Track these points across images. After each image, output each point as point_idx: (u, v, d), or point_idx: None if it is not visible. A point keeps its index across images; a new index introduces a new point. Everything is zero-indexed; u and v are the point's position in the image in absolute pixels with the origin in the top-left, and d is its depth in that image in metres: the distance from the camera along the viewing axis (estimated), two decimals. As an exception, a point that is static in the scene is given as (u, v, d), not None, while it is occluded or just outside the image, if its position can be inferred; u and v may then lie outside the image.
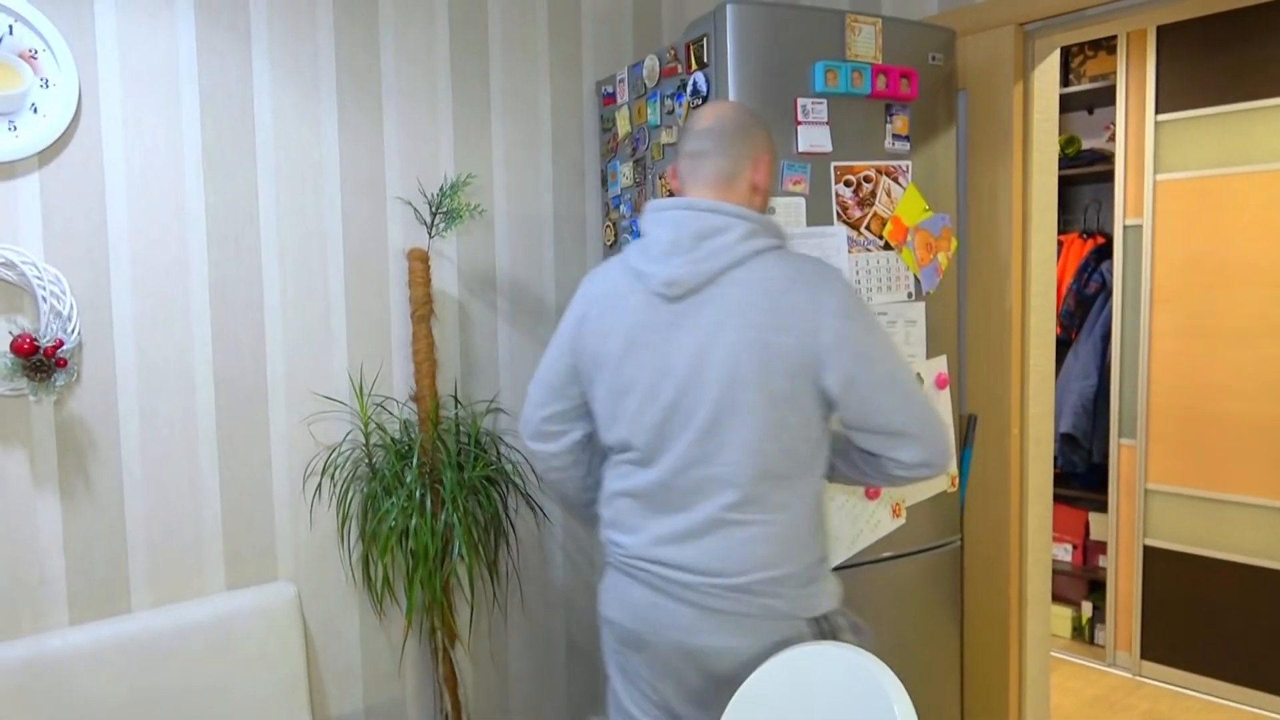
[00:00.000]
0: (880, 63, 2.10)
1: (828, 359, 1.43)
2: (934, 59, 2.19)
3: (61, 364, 1.85)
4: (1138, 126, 3.32)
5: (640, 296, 1.51)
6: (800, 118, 2.03)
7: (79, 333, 1.91)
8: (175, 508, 2.05)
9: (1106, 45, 3.68)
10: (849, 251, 2.07)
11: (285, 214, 2.16)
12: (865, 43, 2.08)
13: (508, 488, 2.41)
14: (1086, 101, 3.82)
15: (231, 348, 2.10)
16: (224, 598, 2.08)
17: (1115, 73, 3.40)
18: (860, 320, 1.44)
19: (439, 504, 2.18)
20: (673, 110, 2.21)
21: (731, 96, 2.01)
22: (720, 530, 1.47)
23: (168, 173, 2.01)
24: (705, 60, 2.07)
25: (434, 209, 2.26)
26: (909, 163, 2.16)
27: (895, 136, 2.14)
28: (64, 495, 1.92)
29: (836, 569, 2.07)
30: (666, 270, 1.47)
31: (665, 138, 2.24)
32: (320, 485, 2.23)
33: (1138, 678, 3.44)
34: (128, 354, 1.97)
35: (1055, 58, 2.43)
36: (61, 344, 1.85)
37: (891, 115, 2.13)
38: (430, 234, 2.32)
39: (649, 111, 2.31)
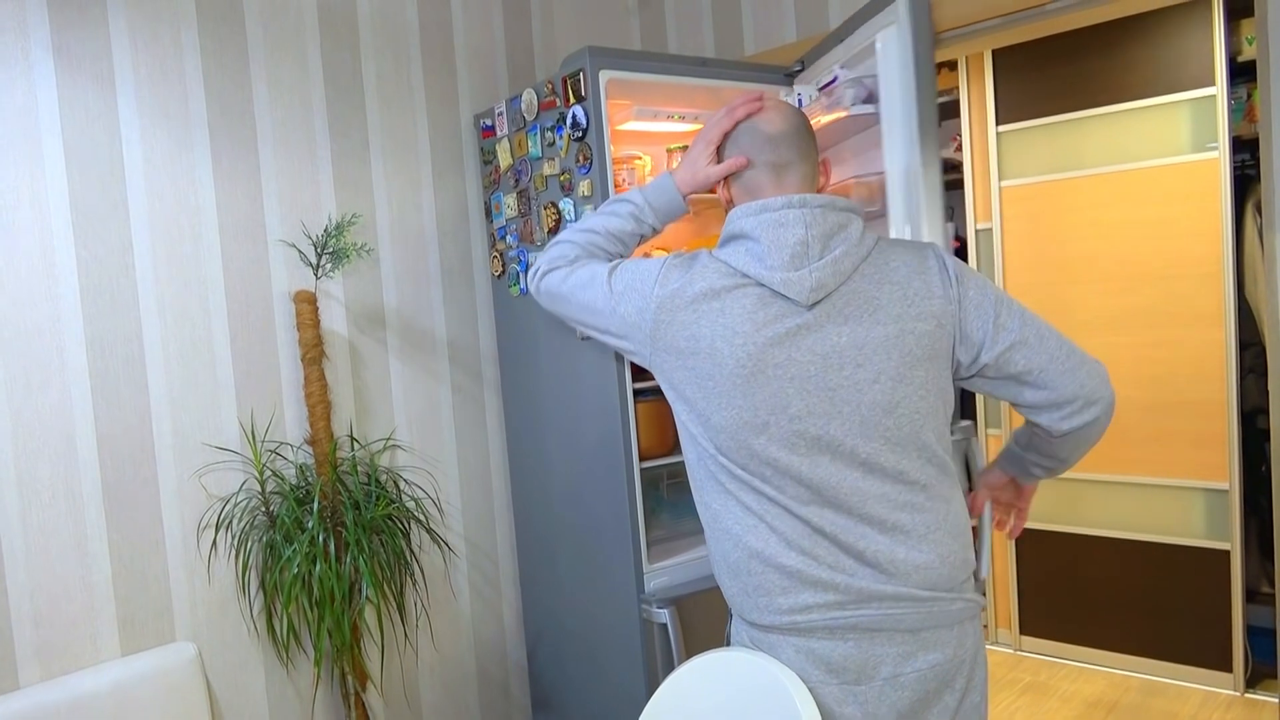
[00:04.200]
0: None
1: (986, 331, 1.41)
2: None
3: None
4: (981, 137, 3.58)
5: (754, 302, 1.36)
6: None
7: (-55, 400, 1.81)
8: (62, 576, 1.96)
9: (948, 63, 3.94)
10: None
11: (163, 263, 2.10)
12: None
13: (410, 524, 2.40)
14: (934, 115, 4.07)
15: (114, 405, 2.03)
16: (119, 664, 2.00)
17: (958, 88, 3.65)
18: (983, 284, 1.43)
19: (342, 547, 2.15)
20: (553, 143, 2.26)
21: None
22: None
23: (33, 228, 1.93)
24: (583, 94, 2.13)
25: (319, 250, 2.24)
26: None
27: None
28: (-62, 573, 1.82)
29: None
30: (810, 275, 1.34)
31: (548, 169, 2.29)
32: (216, 539, 2.17)
33: (1019, 652, 3.67)
34: (1, 419, 1.88)
35: (906, 80, 2.60)
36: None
37: None
38: (317, 275, 2.30)
39: (530, 144, 2.35)
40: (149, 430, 2.08)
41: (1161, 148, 3.20)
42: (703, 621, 2.18)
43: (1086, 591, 3.50)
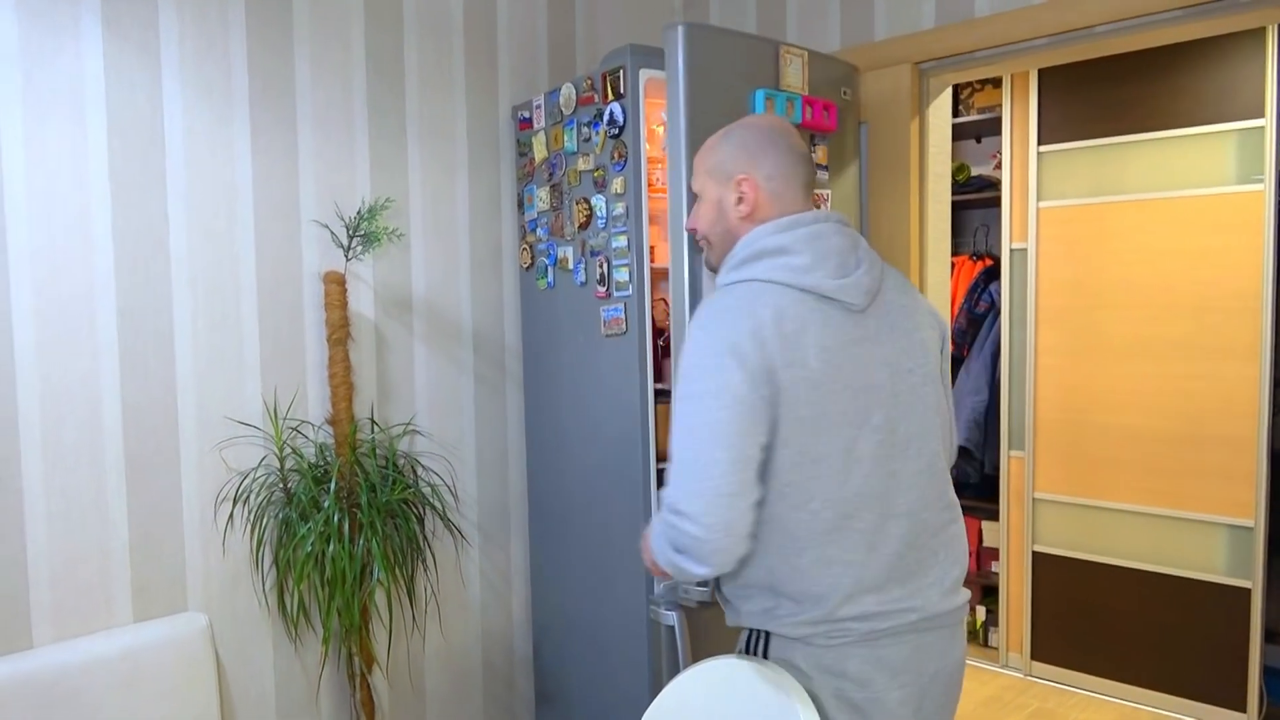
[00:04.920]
0: (806, 94, 2.19)
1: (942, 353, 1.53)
2: (845, 93, 2.31)
3: (-41, 393, 1.78)
4: (1022, 156, 3.53)
5: (821, 315, 1.36)
6: None
7: (-23, 360, 1.84)
8: (80, 539, 1.98)
9: (993, 79, 3.90)
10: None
11: (197, 238, 2.12)
12: (795, 74, 2.16)
13: (425, 510, 2.41)
14: (975, 131, 4.04)
15: (140, 374, 2.05)
16: (131, 630, 2.02)
17: (1001, 105, 3.60)
18: None
19: (356, 528, 2.17)
20: (589, 138, 2.26)
21: (682, 116, 1.98)
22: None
23: (73, 196, 1.95)
24: (622, 91, 2.13)
25: (351, 232, 2.25)
26: (829, 192, 2.25)
27: (818, 166, 2.22)
28: (-40, 529, 1.85)
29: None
30: (864, 279, 1.39)
31: (582, 164, 2.29)
32: (233, 512, 2.19)
33: (1028, 677, 3.63)
34: (30, 383, 1.91)
35: (948, 94, 2.58)
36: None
37: (814, 146, 2.22)
38: (347, 257, 2.31)
39: (566, 138, 2.35)
40: (174, 402, 2.10)
41: (1205, 177, 3.15)
42: (711, 626, 2.17)
43: (1102, 620, 3.45)
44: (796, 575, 1.37)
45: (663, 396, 2.25)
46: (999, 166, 3.70)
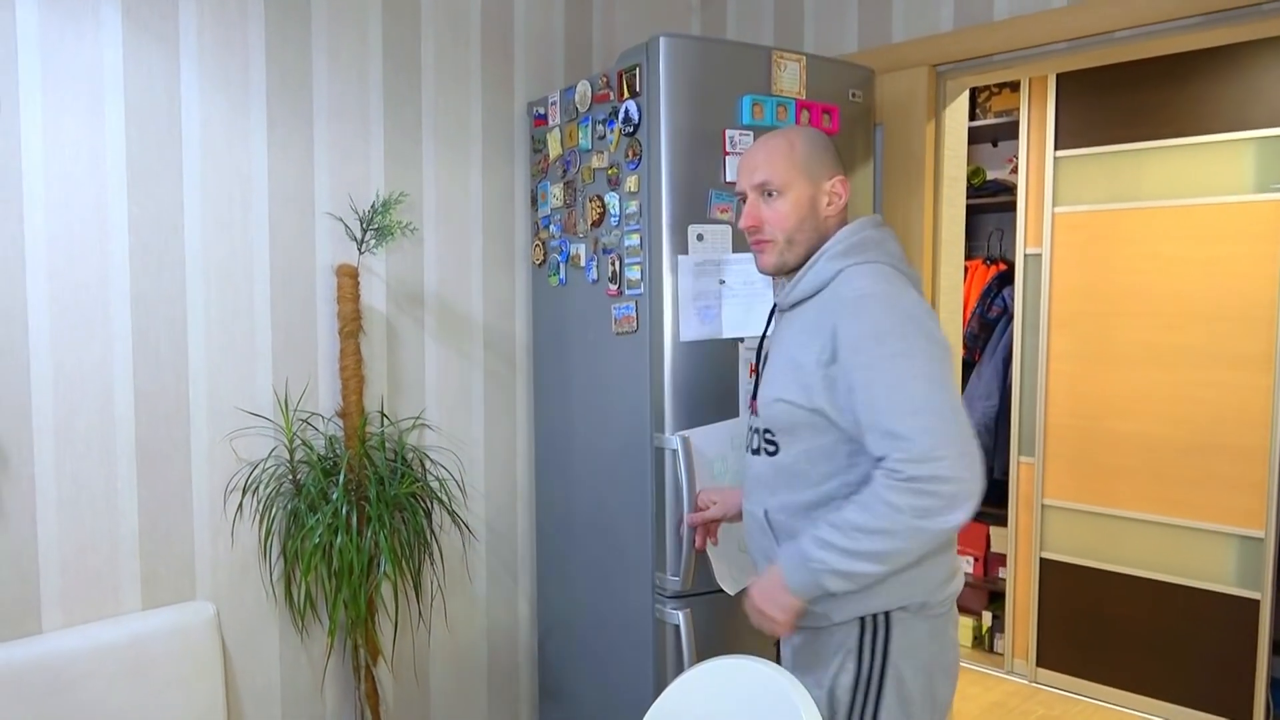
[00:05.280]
0: (804, 98, 2.20)
1: None
2: (854, 95, 2.30)
3: (-27, 378, 1.79)
4: (1038, 161, 3.52)
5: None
6: (728, 149, 2.11)
7: (-8, 346, 1.85)
8: (90, 526, 1.99)
9: (1011, 83, 3.88)
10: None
11: (211, 228, 2.13)
12: (790, 78, 2.17)
13: (433, 504, 2.42)
14: (991, 135, 4.02)
15: (153, 363, 2.06)
16: (139, 618, 2.03)
17: (1019, 109, 3.59)
18: None
19: (364, 521, 2.17)
20: (604, 136, 2.26)
21: (663, 127, 2.07)
22: None
23: (89, 183, 1.96)
24: (637, 89, 2.13)
25: (365, 226, 2.26)
26: None
27: None
28: (-28, 513, 1.86)
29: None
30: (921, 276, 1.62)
31: (596, 161, 2.29)
32: (242, 502, 2.20)
33: (1034, 684, 3.62)
34: (44, 369, 1.92)
35: (965, 98, 2.57)
36: (-26, 357, 1.79)
37: None
38: (360, 250, 2.32)
39: (580, 135, 2.35)
40: (185, 391, 2.11)
41: (1223, 185, 3.13)
42: (716, 625, 2.17)
43: (1108, 628, 3.44)
44: None
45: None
46: (1015, 171, 3.68)
